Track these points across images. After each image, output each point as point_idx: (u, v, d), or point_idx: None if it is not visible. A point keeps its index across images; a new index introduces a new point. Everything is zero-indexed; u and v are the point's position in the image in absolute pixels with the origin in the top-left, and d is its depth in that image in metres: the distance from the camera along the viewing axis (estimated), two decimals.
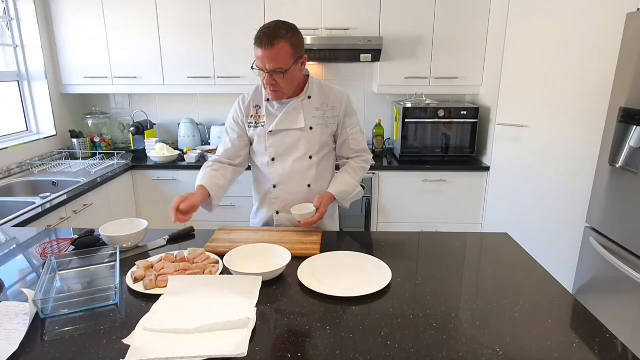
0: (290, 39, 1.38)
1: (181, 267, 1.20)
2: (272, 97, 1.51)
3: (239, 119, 1.62)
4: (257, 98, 1.61)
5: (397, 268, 1.25)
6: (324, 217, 1.52)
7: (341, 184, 1.61)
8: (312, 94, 1.57)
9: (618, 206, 1.95)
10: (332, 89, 1.61)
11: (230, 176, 1.61)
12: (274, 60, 1.37)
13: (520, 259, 1.36)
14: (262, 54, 1.37)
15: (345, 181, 1.61)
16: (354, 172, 1.65)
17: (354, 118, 1.64)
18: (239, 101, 1.62)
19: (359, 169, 1.66)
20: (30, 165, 2.71)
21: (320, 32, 2.84)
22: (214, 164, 1.61)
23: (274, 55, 1.36)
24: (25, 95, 2.96)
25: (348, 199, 1.63)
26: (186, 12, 2.86)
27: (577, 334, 0.97)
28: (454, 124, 2.91)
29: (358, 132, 1.66)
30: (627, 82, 1.89)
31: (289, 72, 1.41)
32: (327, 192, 1.57)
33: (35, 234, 1.57)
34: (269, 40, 1.35)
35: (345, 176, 1.63)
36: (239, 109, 1.61)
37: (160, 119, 3.40)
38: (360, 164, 1.67)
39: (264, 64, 1.39)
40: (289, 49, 1.38)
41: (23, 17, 2.83)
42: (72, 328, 0.97)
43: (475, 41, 2.89)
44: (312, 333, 0.96)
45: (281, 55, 1.37)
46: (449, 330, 0.97)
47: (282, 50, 1.36)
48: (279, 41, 1.35)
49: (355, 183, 1.64)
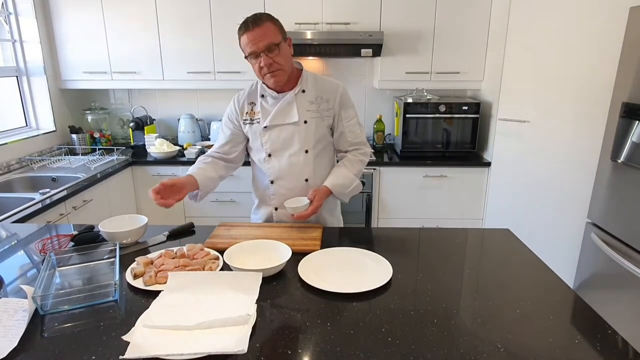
0: (272, 19, 1.44)
1: (181, 263, 1.19)
2: (273, 81, 1.48)
3: (233, 117, 1.63)
4: (251, 95, 1.61)
5: (398, 264, 1.24)
6: (318, 210, 1.50)
7: (337, 177, 1.57)
8: (306, 88, 1.56)
9: (620, 202, 1.94)
10: (326, 80, 1.60)
11: (221, 171, 1.63)
12: (264, 36, 1.40)
13: (521, 255, 1.35)
14: (252, 35, 1.40)
15: (341, 174, 1.58)
16: (352, 165, 1.61)
17: (350, 110, 1.61)
18: (234, 99, 1.63)
19: (356, 162, 1.62)
20: (30, 161, 2.70)
21: (321, 27, 2.82)
22: (206, 158, 1.63)
23: (263, 32, 1.40)
24: (24, 91, 2.95)
25: (345, 193, 1.59)
26: (186, 7, 2.84)
27: (578, 329, 0.96)
28: (455, 119, 2.90)
29: (355, 124, 1.62)
30: (629, 77, 1.88)
31: (281, 47, 1.43)
32: (323, 186, 1.55)
33: (35, 230, 1.56)
34: (255, 20, 1.40)
35: (342, 169, 1.60)
36: (234, 106, 1.62)
37: (160, 114, 3.39)
38: (358, 157, 1.64)
39: (257, 45, 1.40)
40: (274, 27, 1.43)
41: (21, 12, 2.81)
42: (72, 324, 0.97)
43: (477, 36, 2.88)
44: (313, 329, 0.95)
45: (270, 31, 1.41)
46: (450, 326, 0.97)
47: (268, 28, 1.41)
48: (263, 22, 1.41)
49: (353, 176, 1.60)
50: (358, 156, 1.64)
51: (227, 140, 1.64)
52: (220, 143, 1.65)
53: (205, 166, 1.58)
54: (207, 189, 1.55)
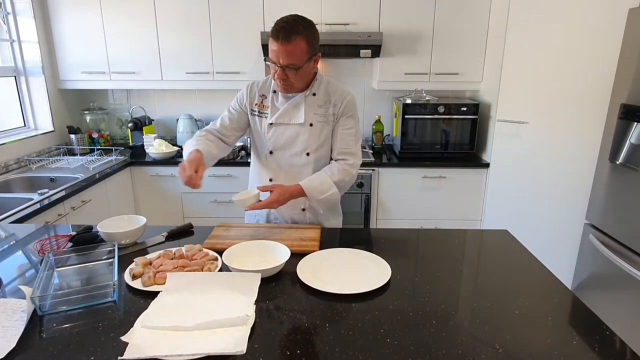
0: (306, 36, 1.37)
1: (180, 264, 1.19)
2: (282, 89, 1.50)
3: (243, 103, 1.62)
4: (265, 87, 1.61)
5: (397, 265, 1.24)
6: (273, 205, 1.43)
7: (314, 180, 1.52)
8: (318, 91, 1.55)
9: (618, 203, 1.95)
10: (339, 87, 1.59)
11: (221, 151, 1.60)
12: (288, 56, 1.36)
13: (519, 256, 1.36)
14: (277, 48, 1.36)
15: (319, 178, 1.52)
16: (333, 173, 1.54)
17: (350, 120, 1.58)
18: (248, 86, 1.63)
19: (341, 171, 1.54)
20: (28, 161, 2.69)
21: (320, 27, 2.82)
22: (207, 134, 1.59)
23: (289, 51, 1.35)
24: (23, 91, 2.94)
25: (319, 199, 1.51)
26: (184, 7, 2.84)
27: (576, 331, 0.97)
28: (454, 120, 2.90)
29: (351, 134, 1.57)
30: (628, 78, 1.88)
31: (302, 68, 1.41)
32: (296, 184, 1.49)
33: (33, 230, 1.56)
34: (286, 35, 1.34)
35: (322, 174, 1.54)
36: (247, 93, 1.62)
37: (159, 114, 3.38)
38: (343, 166, 1.56)
39: (278, 58, 1.38)
40: (304, 46, 1.37)
41: (19, 12, 2.81)
42: (70, 325, 0.97)
43: (476, 37, 2.88)
44: (311, 330, 0.95)
45: (296, 51, 1.36)
46: (448, 327, 0.97)
47: (297, 46, 1.35)
48: (296, 37, 1.34)
49: (331, 183, 1.51)
50: (344, 166, 1.56)
51: (231, 121, 1.62)
52: (225, 123, 1.62)
53: (210, 143, 1.54)
54: (208, 166, 1.50)
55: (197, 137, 1.56)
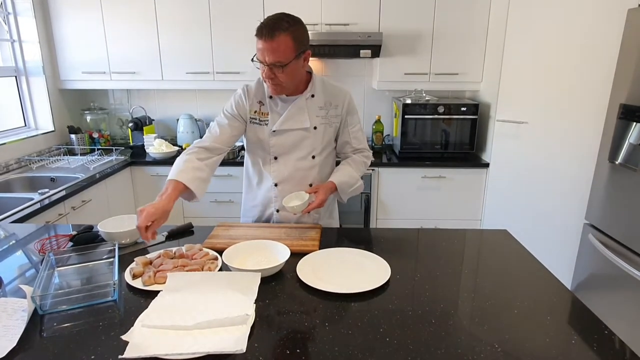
0: (292, 32, 1.34)
1: (180, 264, 1.19)
2: (272, 90, 1.47)
3: (241, 109, 1.55)
4: (259, 92, 1.56)
5: (396, 264, 1.25)
6: (323, 204, 1.47)
7: (343, 174, 1.57)
8: (316, 93, 1.55)
9: (617, 203, 1.95)
10: (335, 87, 1.59)
11: (211, 171, 1.49)
12: (273, 53, 1.33)
13: (519, 256, 1.36)
14: (262, 46, 1.34)
15: (347, 172, 1.59)
16: (356, 165, 1.63)
17: (355, 116, 1.64)
18: (243, 90, 1.55)
19: (360, 163, 1.65)
20: (29, 161, 2.70)
21: (320, 28, 2.83)
22: (199, 151, 1.48)
23: (273, 48, 1.33)
24: (23, 91, 2.95)
25: (348, 192, 1.59)
26: (185, 7, 2.84)
27: (575, 330, 0.97)
28: (454, 120, 2.90)
29: (359, 130, 1.66)
30: (627, 78, 1.89)
31: (289, 66, 1.37)
32: (329, 181, 1.54)
33: (34, 230, 1.56)
34: (270, 32, 1.31)
35: (347, 167, 1.61)
36: (245, 99, 1.54)
37: (159, 114, 3.39)
38: (362, 158, 1.66)
39: (264, 56, 1.36)
40: (290, 43, 1.34)
41: (20, 12, 2.81)
42: (71, 324, 0.97)
43: (476, 37, 2.88)
44: (311, 329, 0.96)
45: (281, 48, 1.33)
46: (447, 326, 0.97)
47: (282, 43, 1.32)
48: (280, 34, 1.32)
49: (357, 176, 1.61)
50: (362, 158, 1.66)
51: (232, 128, 1.54)
52: (224, 132, 1.53)
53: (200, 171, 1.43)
54: (202, 191, 1.42)
55: (185, 161, 1.42)
